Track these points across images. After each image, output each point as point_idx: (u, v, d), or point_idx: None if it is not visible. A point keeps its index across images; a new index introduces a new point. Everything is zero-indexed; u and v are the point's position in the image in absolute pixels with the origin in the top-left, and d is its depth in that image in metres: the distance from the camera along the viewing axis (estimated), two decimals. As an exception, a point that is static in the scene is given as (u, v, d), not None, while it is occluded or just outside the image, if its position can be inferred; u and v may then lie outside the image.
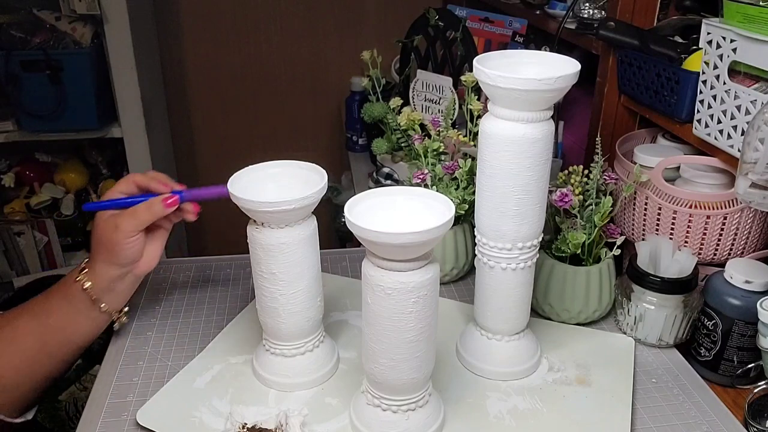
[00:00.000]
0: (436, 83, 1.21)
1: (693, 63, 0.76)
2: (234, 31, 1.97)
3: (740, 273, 0.68)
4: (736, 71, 0.69)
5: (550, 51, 0.81)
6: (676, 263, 0.74)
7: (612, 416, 0.64)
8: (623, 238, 0.76)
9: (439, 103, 1.22)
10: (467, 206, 0.82)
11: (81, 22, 1.58)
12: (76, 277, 0.68)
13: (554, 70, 0.58)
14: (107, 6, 1.52)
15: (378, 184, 1.35)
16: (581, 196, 0.75)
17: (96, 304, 0.69)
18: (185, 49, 1.98)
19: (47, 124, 1.61)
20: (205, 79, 2.02)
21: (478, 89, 0.76)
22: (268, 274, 0.63)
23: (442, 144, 0.86)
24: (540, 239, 0.66)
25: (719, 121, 0.70)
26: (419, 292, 0.54)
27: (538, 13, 1.27)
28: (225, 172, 0.64)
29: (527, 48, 1.34)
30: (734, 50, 0.67)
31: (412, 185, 0.81)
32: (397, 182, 1.33)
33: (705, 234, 0.76)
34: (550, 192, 0.71)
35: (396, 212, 0.56)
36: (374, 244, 0.51)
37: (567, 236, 0.74)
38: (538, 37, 1.36)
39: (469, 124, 0.88)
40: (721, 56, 0.69)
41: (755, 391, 0.66)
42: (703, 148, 0.76)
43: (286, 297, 0.64)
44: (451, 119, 0.88)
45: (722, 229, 0.75)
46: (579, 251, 0.75)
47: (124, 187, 0.70)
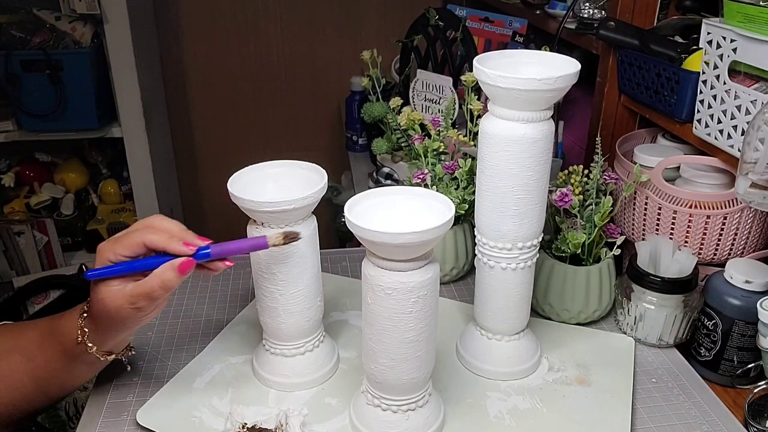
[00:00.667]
0: (436, 83, 1.21)
1: (693, 63, 0.76)
2: (234, 31, 1.97)
3: (740, 273, 0.68)
4: (737, 71, 0.69)
5: (550, 51, 0.81)
6: (676, 263, 0.74)
7: (612, 416, 0.64)
8: (623, 238, 0.76)
9: (439, 103, 1.22)
10: (467, 206, 0.82)
11: (81, 22, 1.58)
12: (77, 338, 0.60)
13: (554, 69, 0.58)
14: (107, 6, 1.53)
15: (378, 184, 1.35)
16: (581, 196, 0.75)
17: (103, 357, 0.62)
18: (185, 49, 1.98)
19: (47, 124, 1.61)
20: (205, 79, 2.02)
21: (478, 89, 0.76)
22: (268, 274, 0.63)
23: (442, 144, 0.86)
24: (540, 239, 0.66)
25: (719, 121, 0.70)
26: (419, 292, 0.54)
27: (538, 13, 1.27)
28: (225, 172, 0.64)
29: (527, 48, 1.34)
30: (734, 50, 0.67)
31: (412, 185, 0.81)
32: (397, 182, 1.33)
33: (705, 234, 0.76)
34: (550, 192, 0.71)
35: (396, 212, 0.56)
36: (374, 244, 0.51)
37: (567, 236, 0.74)
38: (538, 37, 1.36)
39: (469, 124, 0.88)
40: (721, 56, 0.69)
41: (755, 391, 0.66)
42: (703, 148, 0.76)
43: (286, 297, 0.64)
44: (451, 119, 0.88)
45: (722, 229, 0.75)
46: (579, 251, 0.75)
47: (128, 251, 0.57)
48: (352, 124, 1.80)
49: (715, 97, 0.71)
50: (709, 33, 0.70)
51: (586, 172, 0.77)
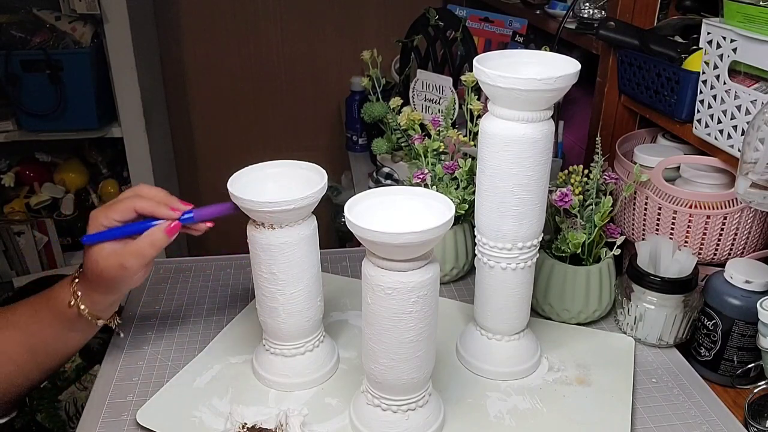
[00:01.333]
0: (436, 83, 1.21)
1: (693, 63, 0.76)
2: (234, 31, 1.97)
3: (740, 273, 0.68)
4: (737, 71, 0.69)
5: (550, 51, 0.81)
6: (676, 263, 0.74)
7: (612, 416, 0.64)
8: (623, 238, 0.76)
9: (439, 103, 1.22)
10: (467, 206, 0.82)
11: (81, 22, 1.58)
12: (70, 302, 0.64)
13: (554, 69, 0.58)
14: (107, 6, 1.53)
15: (378, 184, 1.35)
16: (581, 196, 0.75)
17: (93, 322, 0.66)
18: (185, 49, 1.98)
19: (47, 124, 1.61)
20: (205, 79, 2.02)
21: (478, 89, 0.76)
22: (268, 274, 0.63)
23: (442, 144, 0.86)
24: (540, 239, 0.66)
25: (719, 121, 0.70)
26: (419, 291, 0.54)
27: (538, 13, 1.27)
28: (225, 172, 0.64)
29: (527, 48, 1.34)
30: (734, 50, 0.67)
31: (412, 185, 0.81)
32: (397, 182, 1.33)
33: (705, 234, 0.76)
34: (550, 192, 0.71)
35: (396, 212, 0.56)
36: (374, 244, 0.51)
37: (567, 236, 0.74)
38: (538, 37, 1.36)
39: (469, 124, 0.88)
40: (721, 56, 0.69)
41: (755, 391, 0.66)
42: (703, 148, 0.76)
43: (286, 297, 0.64)
44: (451, 119, 0.88)
45: (722, 229, 0.75)
46: (579, 251, 0.75)
47: (120, 215, 0.63)
48: (352, 124, 1.80)
49: (715, 97, 0.71)
50: (709, 33, 0.70)
51: (586, 172, 0.77)
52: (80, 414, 0.66)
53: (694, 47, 0.78)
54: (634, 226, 0.82)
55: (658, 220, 0.78)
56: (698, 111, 0.74)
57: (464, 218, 0.85)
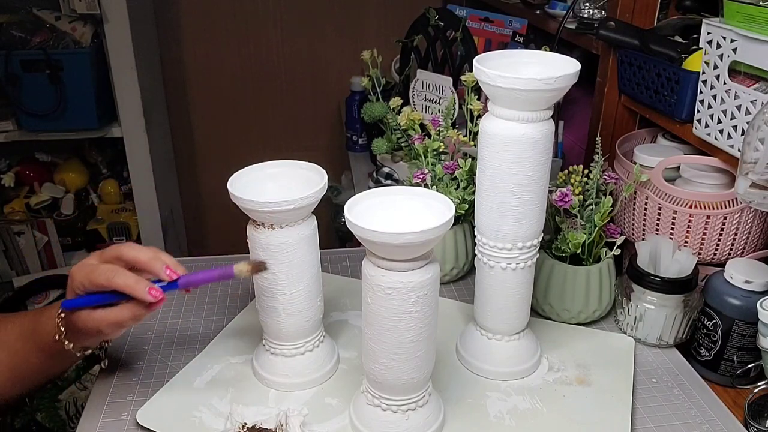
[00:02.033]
0: (436, 83, 1.21)
1: (693, 63, 0.76)
2: (234, 31, 1.97)
3: (740, 273, 0.68)
4: (737, 71, 0.69)
5: (550, 51, 0.81)
6: (676, 263, 0.74)
7: (612, 416, 0.64)
8: (623, 238, 0.76)
9: (439, 103, 1.22)
10: (467, 206, 0.82)
11: (81, 22, 1.58)
12: (56, 336, 0.62)
13: (554, 69, 0.58)
14: (107, 6, 1.53)
15: (378, 184, 1.35)
16: (581, 196, 0.75)
17: (80, 353, 0.65)
18: (185, 49, 1.98)
19: (47, 124, 1.61)
20: (205, 79, 2.02)
21: (478, 89, 0.76)
22: (268, 274, 0.63)
23: (442, 144, 0.86)
24: (540, 239, 0.66)
25: (719, 121, 0.70)
26: (419, 292, 0.54)
27: (538, 13, 1.27)
28: (225, 172, 0.64)
29: (527, 48, 1.34)
30: (734, 50, 0.67)
31: (412, 185, 0.81)
32: (397, 182, 1.33)
33: (705, 234, 0.76)
34: (550, 192, 0.71)
35: (396, 212, 0.56)
36: (374, 244, 0.51)
37: (567, 236, 0.74)
38: (538, 37, 1.36)
39: (469, 124, 0.88)
40: (721, 56, 0.69)
41: (755, 391, 0.66)
42: (703, 148, 0.76)
43: (286, 297, 0.64)
44: (451, 119, 0.88)
45: (722, 229, 0.75)
46: (579, 251, 0.75)
47: (97, 289, 0.59)
48: (352, 124, 1.80)
49: (715, 97, 0.71)
50: (709, 33, 0.70)
51: (586, 172, 0.77)
52: (80, 414, 0.66)
53: (694, 47, 0.78)
54: (634, 226, 0.82)
55: (658, 220, 0.78)
56: (698, 111, 0.74)
57: (464, 218, 0.85)
